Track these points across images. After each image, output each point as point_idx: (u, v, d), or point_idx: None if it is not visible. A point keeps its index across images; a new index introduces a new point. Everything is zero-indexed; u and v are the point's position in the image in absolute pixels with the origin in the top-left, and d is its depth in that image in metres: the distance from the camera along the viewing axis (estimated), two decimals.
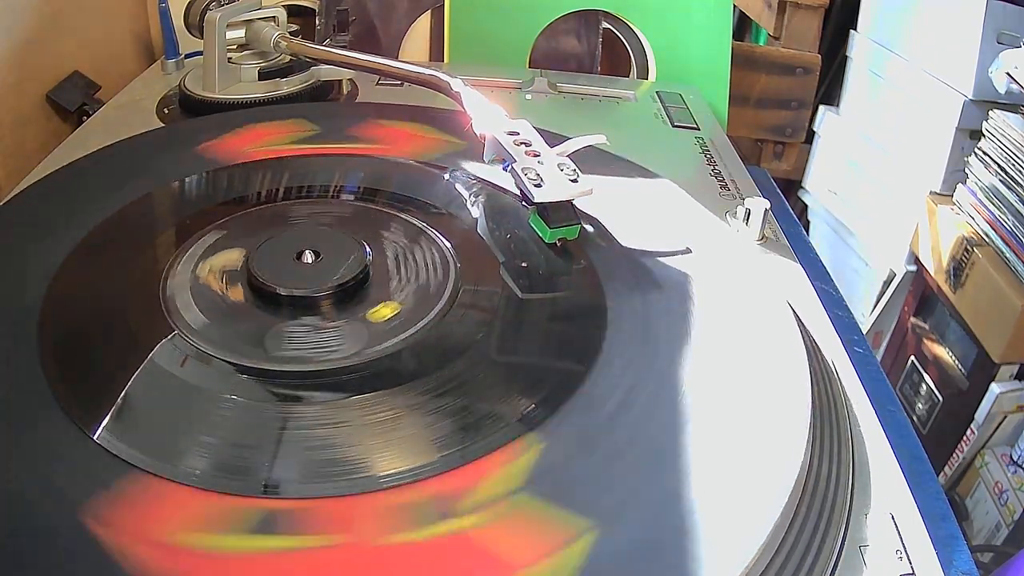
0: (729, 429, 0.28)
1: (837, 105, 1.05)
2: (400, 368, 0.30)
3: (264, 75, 0.54)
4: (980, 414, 0.80)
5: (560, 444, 0.27)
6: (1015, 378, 0.79)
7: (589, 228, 0.38)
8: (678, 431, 0.28)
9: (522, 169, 0.37)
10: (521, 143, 0.39)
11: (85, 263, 0.35)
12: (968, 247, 0.80)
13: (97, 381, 0.29)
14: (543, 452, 0.27)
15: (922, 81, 0.88)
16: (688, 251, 0.37)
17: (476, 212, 0.40)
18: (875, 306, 0.95)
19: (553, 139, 0.40)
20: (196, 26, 0.56)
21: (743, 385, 0.30)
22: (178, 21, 0.58)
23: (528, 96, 0.61)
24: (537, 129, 0.41)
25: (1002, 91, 0.77)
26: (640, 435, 0.28)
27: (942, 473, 0.84)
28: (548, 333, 0.34)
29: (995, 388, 0.79)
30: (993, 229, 0.78)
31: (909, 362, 0.91)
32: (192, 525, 0.24)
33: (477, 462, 0.26)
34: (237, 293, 0.33)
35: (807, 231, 1.05)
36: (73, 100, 0.59)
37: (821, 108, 1.06)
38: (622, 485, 0.26)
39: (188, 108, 0.54)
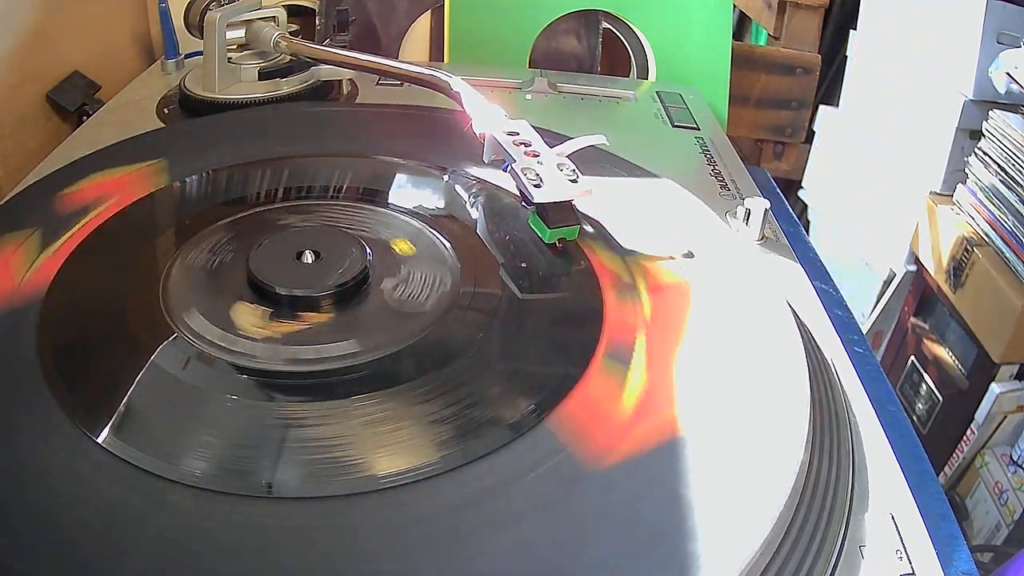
0: (729, 429, 0.28)
1: (837, 105, 1.05)
2: (400, 368, 0.30)
3: (264, 75, 0.54)
4: (980, 414, 0.80)
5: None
6: (1015, 378, 0.79)
7: (589, 229, 0.38)
8: (678, 431, 0.28)
9: (521, 169, 0.37)
10: (520, 143, 0.39)
11: (85, 264, 0.35)
12: (968, 247, 0.80)
13: (99, 385, 0.29)
14: None
15: (922, 81, 0.88)
16: (691, 255, 0.37)
17: (476, 213, 0.40)
18: (875, 306, 0.95)
19: (553, 139, 0.40)
20: (196, 26, 0.56)
21: (743, 385, 0.30)
22: (178, 21, 0.58)
23: (528, 96, 0.61)
24: (537, 129, 0.41)
25: (1002, 91, 0.77)
26: (640, 435, 0.28)
27: (942, 473, 0.84)
28: (547, 333, 0.34)
29: (995, 388, 0.79)
30: (993, 229, 0.78)
31: (909, 362, 0.91)
32: None
33: None
34: (238, 293, 0.33)
35: (807, 231, 1.05)
36: (73, 100, 0.59)
37: (821, 108, 1.06)
38: (622, 485, 0.26)
39: (188, 108, 0.54)
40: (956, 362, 0.85)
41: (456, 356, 0.31)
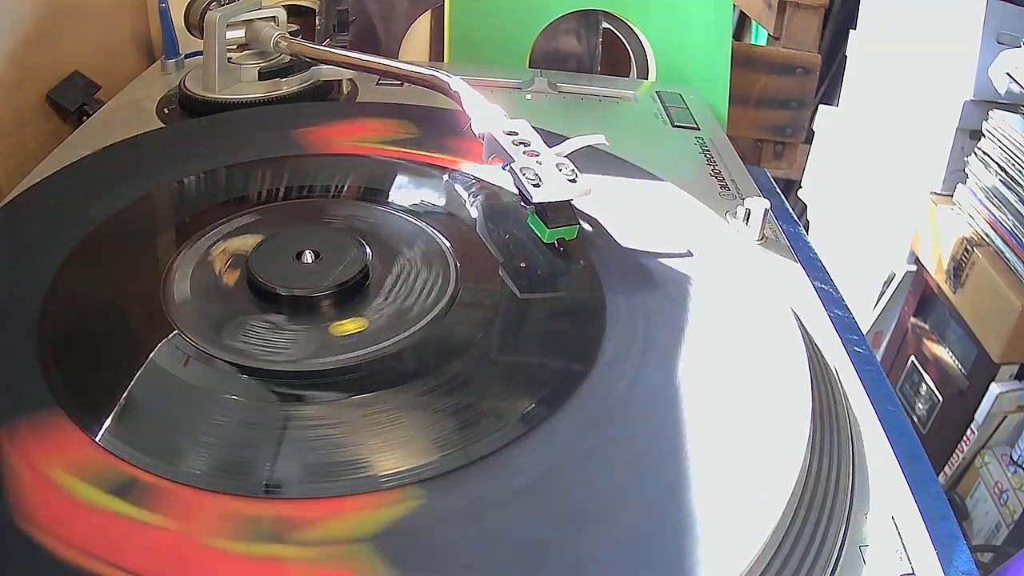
0: (729, 429, 0.28)
1: (837, 105, 1.05)
2: (400, 368, 0.30)
3: (264, 75, 0.54)
4: (980, 414, 0.80)
5: (443, 503, 0.25)
6: (1015, 378, 0.79)
7: (588, 228, 0.38)
8: (678, 431, 0.28)
9: (521, 169, 0.37)
10: (520, 143, 0.39)
11: (85, 263, 0.35)
12: (968, 247, 0.80)
13: (98, 383, 0.29)
14: (415, 510, 0.25)
15: (922, 81, 0.88)
16: (689, 254, 0.37)
17: (475, 212, 0.40)
18: (875, 306, 0.95)
19: (553, 139, 0.40)
20: (196, 26, 0.56)
21: (743, 385, 0.30)
22: (178, 21, 0.58)
23: (528, 96, 0.61)
24: (537, 129, 0.41)
25: (1002, 91, 0.77)
26: (640, 435, 0.28)
27: (942, 473, 0.84)
28: (547, 333, 0.34)
29: (995, 388, 0.79)
30: (993, 229, 0.78)
31: (909, 362, 0.91)
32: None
33: (340, 499, 0.25)
34: (237, 293, 0.33)
35: (807, 231, 1.05)
36: (73, 100, 0.59)
37: (821, 108, 1.07)
38: (622, 485, 0.26)
39: (188, 108, 0.54)
40: (956, 362, 0.85)
41: (455, 356, 0.31)
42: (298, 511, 0.24)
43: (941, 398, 0.86)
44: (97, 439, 0.26)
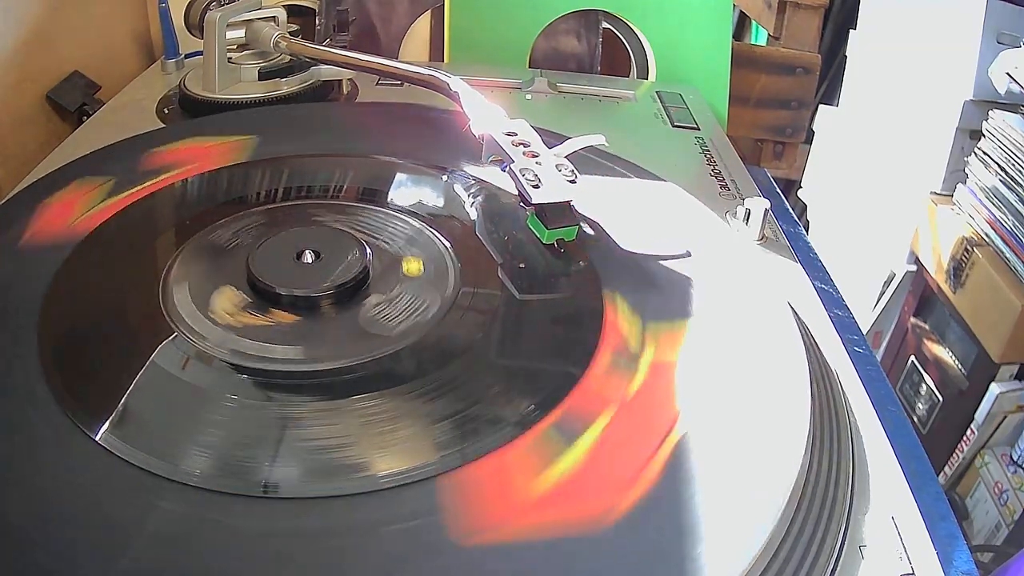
0: (729, 429, 0.28)
1: (837, 105, 1.05)
2: (400, 368, 0.30)
3: (264, 75, 0.54)
4: (980, 414, 0.80)
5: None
6: (1015, 378, 0.79)
7: (588, 230, 0.38)
8: (678, 431, 0.28)
9: (520, 170, 0.37)
10: (519, 143, 0.39)
11: (85, 264, 0.35)
12: (968, 247, 0.80)
13: (98, 383, 0.29)
14: None
15: (922, 81, 0.88)
16: (688, 254, 0.37)
17: (475, 213, 0.40)
18: (875, 306, 0.95)
19: (552, 139, 0.40)
20: (196, 26, 0.56)
21: (743, 385, 0.30)
22: (178, 21, 0.58)
23: (528, 96, 0.61)
24: (536, 129, 0.41)
25: (1002, 91, 0.77)
26: (639, 435, 0.28)
27: (942, 473, 0.84)
28: (546, 334, 0.34)
29: (995, 388, 0.79)
30: (993, 229, 0.78)
31: (909, 362, 0.91)
32: None
33: None
34: (238, 293, 0.33)
35: (807, 231, 1.05)
36: (73, 100, 0.59)
37: (821, 108, 1.07)
38: (621, 485, 0.26)
39: (188, 108, 0.54)
40: (956, 362, 0.85)
41: (455, 356, 0.31)
42: None
43: (941, 398, 0.86)
44: (97, 439, 0.26)
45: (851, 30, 1.03)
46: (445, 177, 0.43)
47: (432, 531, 0.24)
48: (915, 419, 0.89)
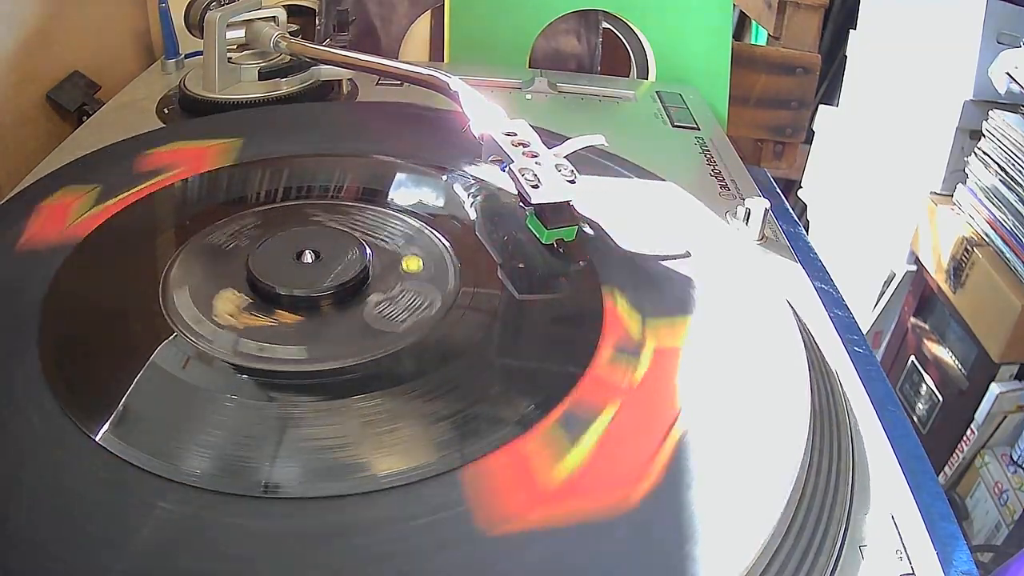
0: (729, 429, 0.28)
1: (837, 105, 1.05)
2: (400, 368, 0.30)
3: (264, 75, 0.54)
4: (980, 414, 0.80)
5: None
6: (1015, 378, 0.79)
7: (588, 230, 0.38)
8: (677, 431, 0.28)
9: (519, 170, 0.37)
10: (519, 144, 0.39)
11: (85, 264, 0.35)
12: (968, 247, 0.80)
13: (98, 384, 0.29)
14: None
15: (922, 81, 0.88)
16: (687, 255, 0.37)
17: (474, 213, 0.40)
18: (875, 306, 0.95)
19: (552, 139, 0.40)
20: (196, 26, 0.56)
21: (743, 385, 0.30)
22: (178, 21, 0.58)
23: (528, 96, 0.61)
24: (536, 129, 0.41)
25: (1002, 91, 0.77)
26: (639, 435, 0.28)
27: (942, 473, 0.84)
28: (546, 334, 0.34)
29: (995, 388, 0.79)
30: (993, 229, 0.78)
31: (909, 362, 0.91)
32: None
33: None
34: (238, 293, 0.33)
35: (807, 231, 1.05)
36: (73, 100, 0.59)
37: (821, 108, 1.07)
38: (621, 485, 0.26)
39: (188, 108, 0.54)
40: (956, 362, 0.85)
41: (455, 356, 0.31)
42: None
43: (941, 398, 0.86)
44: (97, 439, 0.26)
45: (851, 30, 1.03)
46: (445, 177, 0.43)
47: (433, 531, 0.24)
48: (915, 419, 0.89)
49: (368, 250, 0.35)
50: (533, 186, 0.36)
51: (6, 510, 0.24)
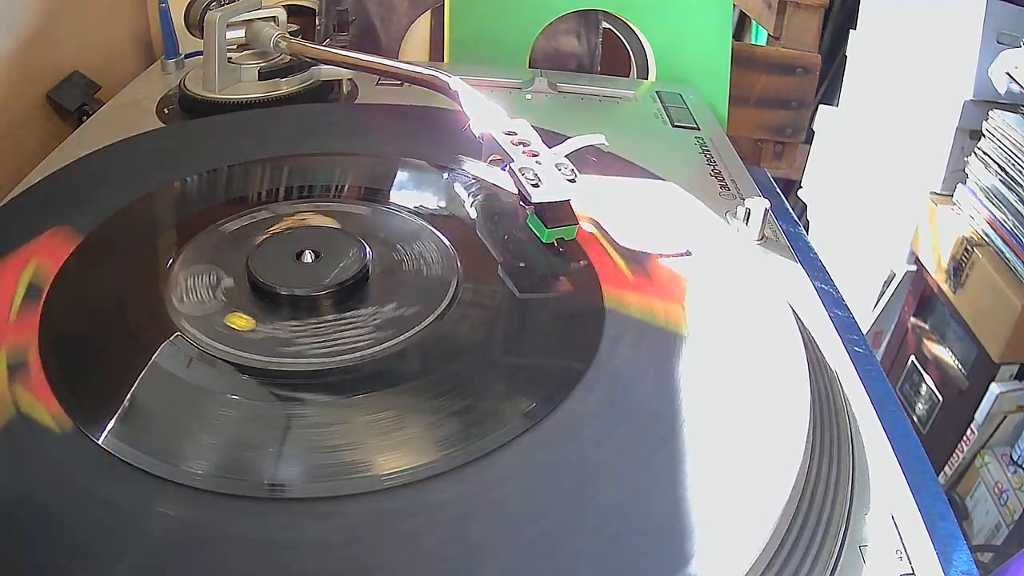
0: (728, 429, 0.28)
1: (837, 105, 1.05)
2: (402, 368, 0.30)
3: (264, 75, 0.54)
4: (980, 414, 0.80)
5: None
6: (1015, 378, 0.79)
7: (589, 229, 0.38)
8: (677, 431, 0.28)
9: (520, 169, 0.37)
10: (519, 143, 0.39)
11: (86, 264, 0.35)
12: (968, 247, 0.80)
13: (100, 385, 0.29)
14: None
15: (922, 81, 0.88)
16: (688, 253, 0.37)
17: (476, 212, 0.40)
18: (875, 306, 0.95)
19: (553, 139, 0.40)
20: (196, 26, 0.56)
21: (742, 385, 0.30)
22: (178, 21, 0.58)
23: (528, 96, 0.61)
24: (536, 129, 0.41)
25: (1002, 91, 0.77)
26: (639, 435, 0.28)
27: (942, 473, 0.84)
28: (547, 333, 0.34)
29: (995, 388, 0.79)
30: (993, 229, 0.78)
31: (909, 362, 0.91)
32: None
33: None
34: (238, 293, 0.33)
35: (807, 231, 1.05)
36: (73, 100, 0.59)
37: (821, 108, 1.06)
38: (621, 485, 0.26)
39: (188, 108, 0.54)
40: (956, 362, 0.85)
41: (455, 356, 0.31)
42: None
43: (941, 398, 0.86)
44: (100, 441, 0.26)
45: (851, 30, 1.03)
46: (445, 176, 0.43)
47: (432, 531, 0.24)
48: (915, 419, 0.89)
49: (368, 249, 0.35)
50: (533, 185, 0.36)
51: (9, 512, 0.24)
